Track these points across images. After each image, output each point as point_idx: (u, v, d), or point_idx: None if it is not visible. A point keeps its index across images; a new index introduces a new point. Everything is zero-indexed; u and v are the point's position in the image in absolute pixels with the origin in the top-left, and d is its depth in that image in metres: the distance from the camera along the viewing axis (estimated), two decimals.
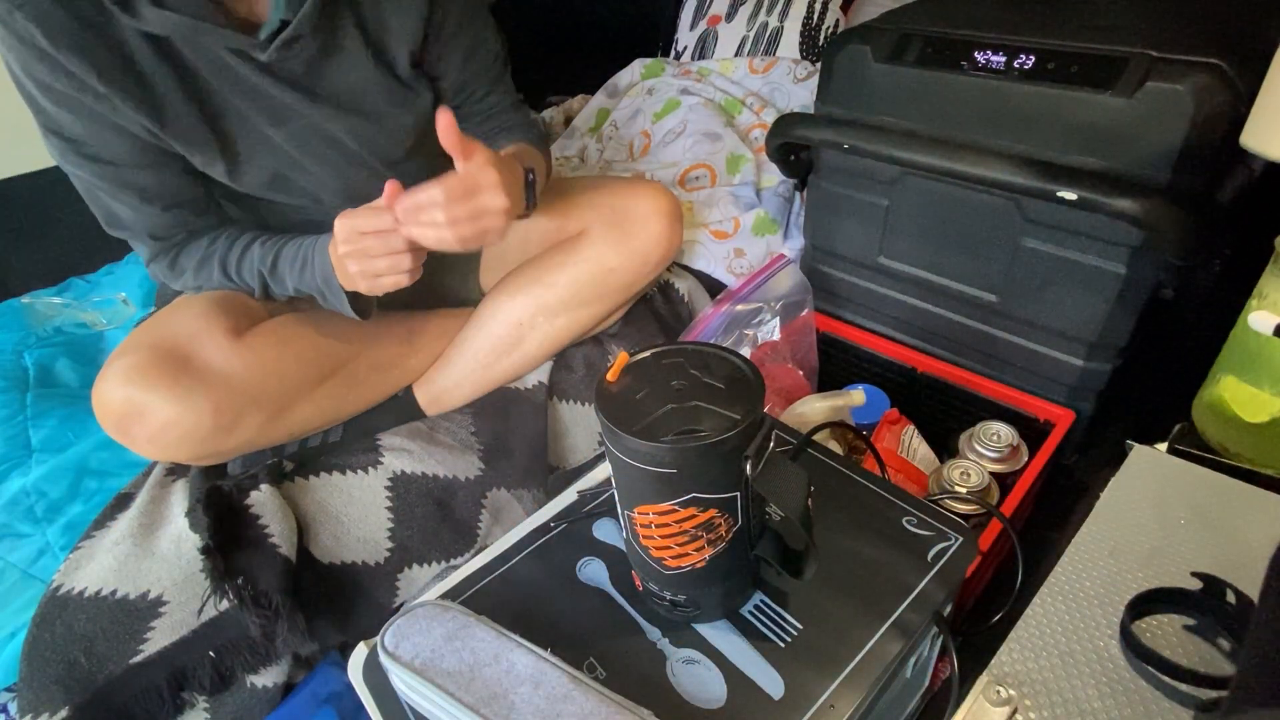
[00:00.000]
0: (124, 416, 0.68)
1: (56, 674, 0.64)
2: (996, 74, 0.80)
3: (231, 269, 0.77)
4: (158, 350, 0.69)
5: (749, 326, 1.04)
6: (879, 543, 0.57)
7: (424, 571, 0.81)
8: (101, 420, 0.69)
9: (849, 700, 0.47)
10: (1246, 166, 0.77)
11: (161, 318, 0.75)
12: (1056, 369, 0.92)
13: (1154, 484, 0.59)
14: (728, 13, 1.58)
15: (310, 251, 0.74)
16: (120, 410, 0.68)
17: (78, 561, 0.70)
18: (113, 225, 0.75)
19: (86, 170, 0.69)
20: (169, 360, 0.69)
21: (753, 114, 1.38)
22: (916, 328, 1.05)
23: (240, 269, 0.77)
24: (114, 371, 0.68)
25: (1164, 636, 0.48)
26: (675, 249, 0.94)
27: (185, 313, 0.74)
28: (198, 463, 0.78)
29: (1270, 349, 0.65)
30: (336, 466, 0.80)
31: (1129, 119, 0.72)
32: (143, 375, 0.68)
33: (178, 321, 0.73)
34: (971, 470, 0.81)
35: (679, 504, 0.45)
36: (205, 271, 0.77)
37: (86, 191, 0.72)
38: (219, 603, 0.69)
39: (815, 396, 0.97)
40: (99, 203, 0.73)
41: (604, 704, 0.45)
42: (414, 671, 0.47)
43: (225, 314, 0.74)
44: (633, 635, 0.54)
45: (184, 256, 0.77)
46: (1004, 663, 0.48)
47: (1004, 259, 0.89)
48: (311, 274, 0.74)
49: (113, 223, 0.74)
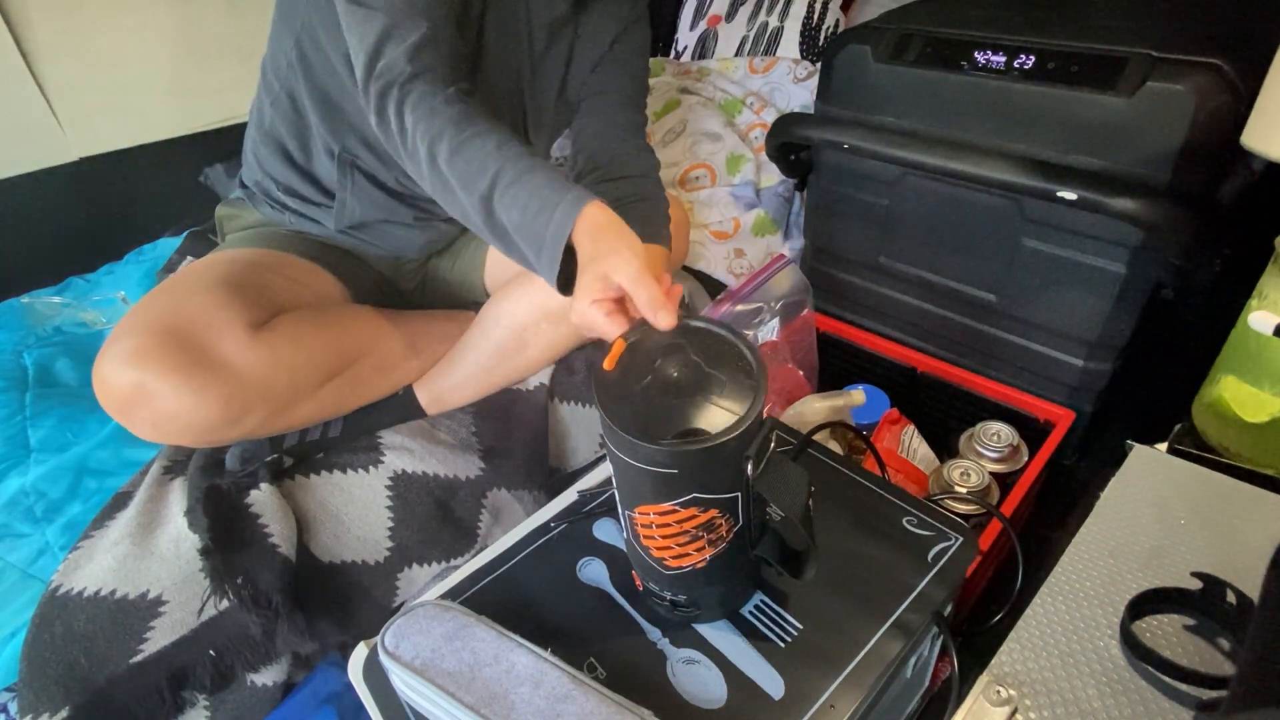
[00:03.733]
0: (130, 399, 0.67)
1: (56, 674, 0.64)
2: (996, 74, 0.80)
3: (459, 153, 0.61)
4: (170, 334, 0.67)
5: (749, 326, 1.04)
6: (879, 543, 0.57)
7: (424, 571, 0.81)
8: (104, 400, 0.68)
9: (849, 700, 0.47)
10: (1246, 166, 0.77)
11: (174, 298, 0.72)
12: (1056, 369, 0.92)
13: (1154, 484, 0.59)
14: (728, 13, 1.58)
15: (556, 202, 0.57)
16: (126, 393, 0.66)
17: (77, 561, 0.70)
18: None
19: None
20: (184, 348, 0.67)
21: (753, 114, 1.38)
22: (916, 328, 1.05)
23: (469, 153, 0.61)
24: (120, 351, 0.66)
25: (1164, 636, 0.48)
26: (681, 259, 0.94)
27: (202, 297, 0.72)
28: (194, 446, 0.77)
29: (1270, 349, 0.65)
30: (337, 465, 0.80)
31: (1129, 119, 0.72)
32: (154, 360, 0.66)
33: (195, 306, 0.71)
34: (971, 470, 0.81)
35: (680, 504, 0.45)
36: (427, 125, 0.62)
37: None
38: (219, 602, 0.69)
39: (815, 396, 0.97)
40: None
41: (604, 704, 0.45)
42: (414, 671, 0.47)
43: (245, 305, 0.72)
44: (633, 635, 0.54)
45: (416, 91, 0.62)
46: (1004, 663, 0.48)
47: (1004, 259, 0.89)
48: (543, 225, 0.57)
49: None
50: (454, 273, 0.99)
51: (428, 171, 0.63)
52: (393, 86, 0.63)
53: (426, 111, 0.62)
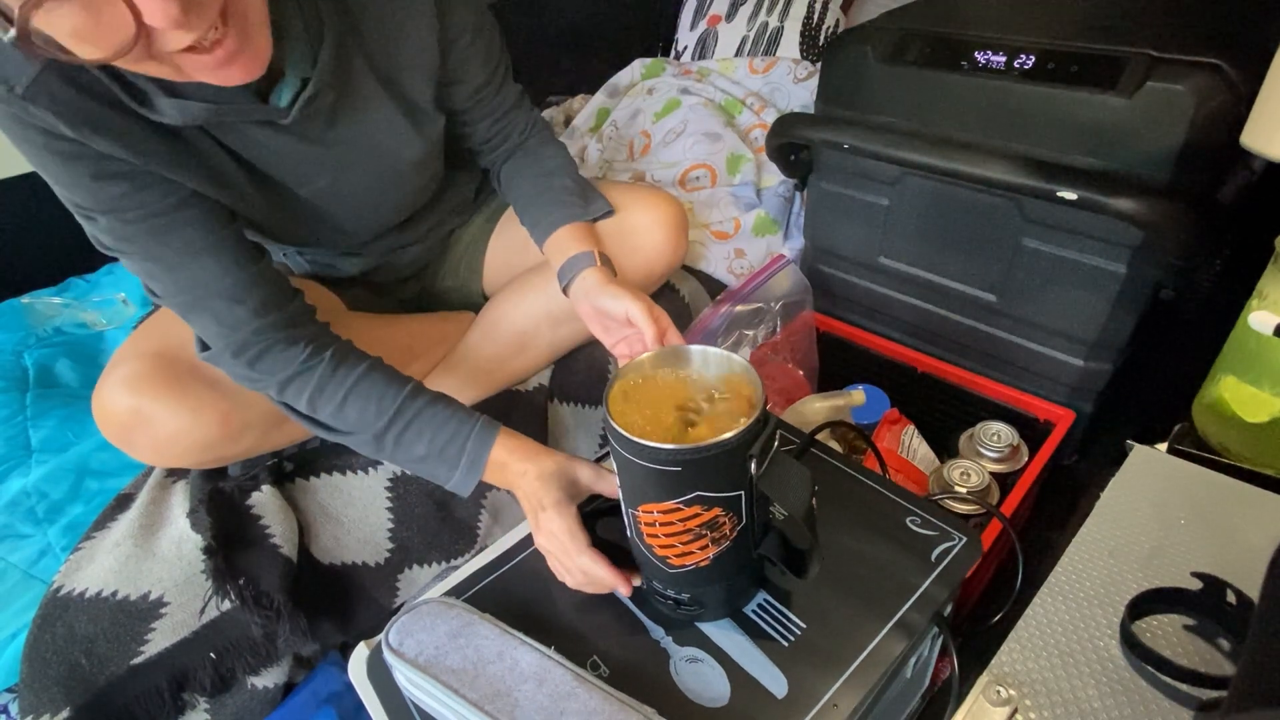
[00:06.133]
0: (128, 425, 0.67)
1: (57, 675, 0.64)
2: (996, 74, 0.80)
3: (347, 404, 0.63)
4: (163, 358, 0.68)
5: (749, 326, 1.04)
6: (882, 542, 0.57)
7: (424, 572, 0.81)
8: (103, 428, 0.69)
9: (851, 699, 0.47)
10: (1246, 166, 0.77)
11: (163, 322, 0.74)
12: (1056, 369, 0.92)
13: (1154, 484, 0.59)
14: (728, 13, 1.58)
15: (467, 435, 0.63)
16: (125, 419, 0.67)
17: (78, 562, 0.70)
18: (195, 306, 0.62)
19: (139, 239, 0.59)
20: (176, 369, 0.68)
21: (753, 114, 1.38)
22: (916, 328, 1.05)
23: (361, 404, 0.63)
24: (117, 379, 0.67)
25: (1164, 636, 0.48)
26: (680, 259, 0.94)
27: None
28: (196, 468, 0.78)
29: (1270, 349, 0.65)
30: (337, 467, 0.80)
31: (1129, 119, 0.72)
32: (149, 384, 0.67)
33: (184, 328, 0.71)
34: (971, 470, 0.82)
35: (683, 503, 0.45)
36: (297, 401, 0.64)
37: (147, 269, 0.61)
38: (220, 603, 0.69)
39: (815, 396, 0.98)
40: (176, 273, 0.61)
41: (607, 702, 0.45)
42: (418, 668, 0.47)
43: None
44: (636, 633, 0.54)
45: (270, 355, 0.63)
46: (1004, 663, 0.48)
47: (1004, 259, 0.89)
48: (455, 456, 0.63)
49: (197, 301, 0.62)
50: (451, 274, 0.99)
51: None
52: (245, 359, 0.64)
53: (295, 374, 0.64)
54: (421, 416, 0.64)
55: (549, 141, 0.87)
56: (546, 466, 0.61)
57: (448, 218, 0.94)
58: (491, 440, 0.64)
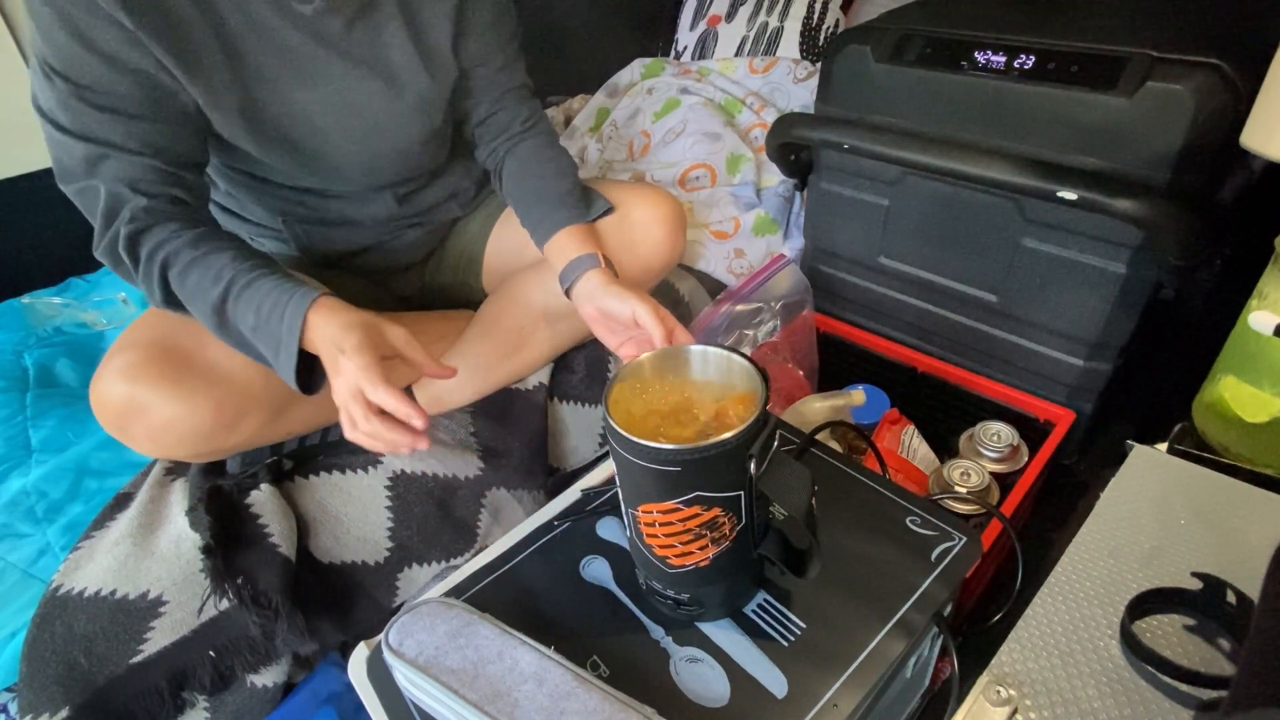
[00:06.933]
0: (124, 414, 0.68)
1: (57, 674, 0.64)
2: (996, 74, 0.80)
3: (190, 269, 0.63)
4: (158, 347, 0.69)
5: (749, 326, 1.04)
6: (882, 542, 0.57)
7: (424, 571, 0.81)
8: (100, 417, 0.69)
9: (851, 699, 0.47)
10: (1246, 166, 0.77)
11: (159, 314, 0.73)
12: (1056, 369, 0.92)
13: (1154, 484, 0.59)
14: (728, 13, 1.58)
15: (287, 301, 0.62)
16: (120, 408, 0.67)
17: (77, 561, 0.70)
18: (69, 176, 0.63)
19: (87, 118, 0.61)
20: (171, 358, 0.69)
21: (753, 114, 1.38)
22: (916, 328, 1.05)
23: (201, 272, 0.63)
24: (113, 368, 0.68)
25: (1164, 636, 0.48)
26: (678, 256, 0.94)
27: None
28: (196, 460, 0.78)
29: (1270, 349, 0.65)
30: (336, 466, 0.80)
31: (1129, 119, 0.72)
32: (144, 373, 0.67)
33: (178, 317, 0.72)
34: (972, 470, 0.82)
35: (683, 503, 0.45)
36: (152, 266, 0.64)
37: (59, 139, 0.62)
38: (219, 602, 0.69)
39: (815, 396, 0.98)
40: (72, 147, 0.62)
41: (607, 702, 0.45)
42: (418, 668, 0.47)
43: None
44: (636, 633, 0.54)
45: (146, 238, 0.64)
46: (1004, 663, 0.48)
47: (1004, 259, 0.89)
48: (276, 325, 0.62)
49: (73, 170, 0.63)
50: (449, 271, 0.99)
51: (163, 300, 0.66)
52: (129, 230, 0.63)
53: (152, 249, 0.64)
54: (252, 286, 0.63)
55: (551, 144, 0.87)
56: (353, 318, 0.61)
57: (447, 201, 0.93)
58: (309, 300, 0.62)
